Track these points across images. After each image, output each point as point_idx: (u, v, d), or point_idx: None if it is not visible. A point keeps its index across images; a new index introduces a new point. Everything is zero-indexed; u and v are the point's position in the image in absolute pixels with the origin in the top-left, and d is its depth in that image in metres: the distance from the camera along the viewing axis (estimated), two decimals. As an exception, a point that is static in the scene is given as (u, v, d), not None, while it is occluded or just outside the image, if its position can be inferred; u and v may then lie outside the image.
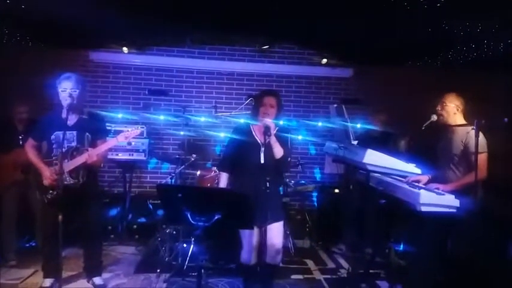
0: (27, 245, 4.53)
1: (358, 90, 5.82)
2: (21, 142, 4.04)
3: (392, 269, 4.27)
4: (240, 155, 3.17)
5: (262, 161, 3.01)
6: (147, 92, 5.63)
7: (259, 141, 3.12)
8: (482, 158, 3.20)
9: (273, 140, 2.99)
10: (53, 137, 3.32)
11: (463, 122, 3.39)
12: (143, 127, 3.57)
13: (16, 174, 4.09)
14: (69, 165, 3.31)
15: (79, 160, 3.31)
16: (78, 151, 3.36)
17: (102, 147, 3.37)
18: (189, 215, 2.50)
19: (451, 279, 3.47)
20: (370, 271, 4.04)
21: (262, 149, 3.05)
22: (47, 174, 3.28)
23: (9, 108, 4.24)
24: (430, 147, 3.74)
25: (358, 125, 4.88)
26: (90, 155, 3.28)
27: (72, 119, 3.39)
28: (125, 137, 3.40)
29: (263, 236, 2.96)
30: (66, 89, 3.28)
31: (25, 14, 3.94)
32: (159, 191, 2.62)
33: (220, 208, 2.47)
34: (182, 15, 4.62)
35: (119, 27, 4.72)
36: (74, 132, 3.38)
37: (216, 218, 2.47)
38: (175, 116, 5.30)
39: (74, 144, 3.37)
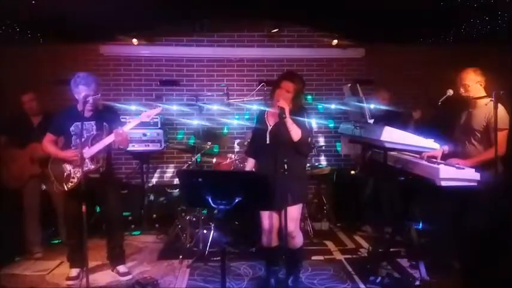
0: (52, 241, 4.62)
1: (371, 70, 5.76)
2: (37, 136, 4.10)
3: (412, 246, 4.26)
4: (257, 140, 3.26)
5: (267, 141, 3.08)
6: (158, 83, 5.67)
7: (268, 124, 3.17)
8: (503, 134, 3.15)
9: (290, 122, 2.97)
10: (72, 128, 3.41)
11: (484, 95, 3.32)
12: (160, 106, 3.61)
13: (34, 168, 4.16)
14: (91, 151, 3.39)
15: (102, 143, 3.39)
16: (96, 139, 3.45)
17: (128, 126, 3.46)
18: (209, 199, 2.53)
19: (469, 254, 3.45)
20: (391, 249, 4.04)
21: (269, 130, 3.11)
22: (71, 155, 3.37)
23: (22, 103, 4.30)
24: (448, 122, 3.69)
25: (372, 106, 4.83)
26: (117, 133, 3.34)
27: (89, 112, 3.48)
28: (147, 115, 3.50)
29: (280, 218, 3.00)
30: (87, 95, 3.31)
31: (35, 10, 3.97)
32: (180, 176, 2.64)
33: (240, 190, 2.48)
34: (189, 3, 4.62)
35: (128, 19, 4.75)
36: (93, 122, 3.48)
37: (236, 200, 2.50)
38: (188, 105, 5.33)
39: (93, 133, 3.47)
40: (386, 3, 4.17)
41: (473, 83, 3.31)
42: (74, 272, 3.63)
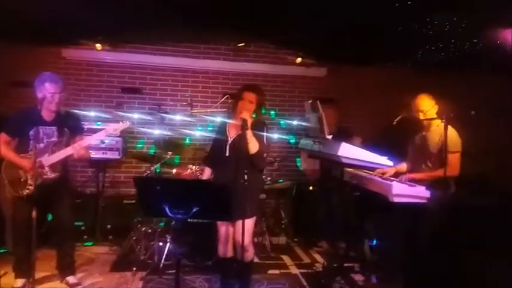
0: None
1: (332, 88, 5.94)
2: None
3: (366, 262, 4.37)
4: (216, 150, 3.28)
5: (226, 154, 3.11)
6: (120, 90, 5.57)
7: (228, 136, 3.20)
8: (455, 156, 3.32)
9: (249, 135, 3.01)
10: (31, 132, 3.26)
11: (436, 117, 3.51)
12: (132, 121, 3.54)
13: None
14: (50, 159, 3.29)
15: (63, 154, 3.30)
16: (57, 146, 3.36)
17: (90, 139, 3.38)
18: (167, 208, 2.50)
19: (421, 270, 3.59)
20: (345, 265, 4.13)
21: (229, 143, 3.14)
22: (29, 166, 3.20)
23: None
24: (401, 141, 3.88)
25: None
26: (75, 148, 3.28)
27: (51, 116, 3.39)
28: (113, 129, 3.41)
29: (235, 229, 3.05)
30: (54, 92, 3.27)
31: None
32: (137, 183, 2.60)
33: (199, 200, 2.48)
34: (156, 12, 4.60)
35: (92, 23, 4.65)
36: (54, 128, 3.38)
37: (194, 210, 2.48)
38: (149, 113, 5.26)
39: (54, 139, 3.37)
40: (348, 25, 4.36)
41: (429, 107, 3.50)
42: (19, 282, 3.45)
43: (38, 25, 4.36)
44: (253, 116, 3.14)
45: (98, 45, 5.29)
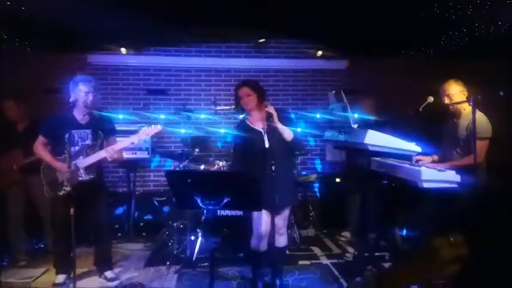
0: (36, 246, 4.57)
1: (354, 81, 5.91)
2: (21, 143, 4.09)
3: (397, 251, 4.34)
4: (247, 149, 3.22)
5: (266, 146, 3.11)
6: (146, 92, 5.72)
7: (258, 129, 3.21)
8: (482, 143, 3.27)
9: (280, 126, 3.08)
10: (67, 135, 3.31)
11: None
12: (162, 125, 3.61)
13: (14, 175, 4.14)
14: (85, 161, 3.42)
15: (97, 156, 3.42)
16: (92, 148, 3.48)
17: (124, 144, 3.48)
18: (198, 200, 2.58)
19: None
20: (376, 254, 4.12)
21: (265, 135, 3.15)
22: (64, 169, 3.33)
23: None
24: (429, 128, 3.84)
25: (356, 115, 4.95)
26: (109, 152, 3.39)
27: (85, 119, 3.52)
28: (145, 133, 3.47)
29: (272, 220, 3.04)
30: (88, 92, 3.41)
31: (24, 19, 4.01)
32: (168, 177, 2.69)
33: (229, 191, 2.54)
34: (177, 14, 4.71)
35: (116, 28, 4.79)
36: (88, 131, 3.50)
37: (225, 201, 2.55)
38: (175, 113, 5.38)
39: (88, 142, 3.49)
40: (368, 16, 4.34)
41: (456, 92, 3.47)
42: (60, 278, 3.59)
43: (65, 34, 4.55)
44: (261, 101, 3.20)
45: (123, 50, 5.45)
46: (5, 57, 5.01)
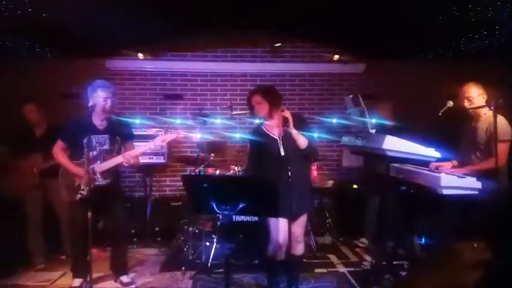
0: (54, 250, 4.62)
1: (371, 85, 5.84)
2: (40, 147, 4.14)
3: (415, 260, 4.24)
4: (262, 155, 3.20)
5: (282, 153, 3.06)
6: (163, 97, 5.76)
7: (273, 136, 3.18)
8: (504, 146, 3.20)
9: (294, 132, 3.05)
10: (85, 140, 3.33)
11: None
12: (180, 131, 3.62)
13: (33, 179, 4.20)
14: (103, 166, 3.45)
15: (114, 161, 3.45)
16: (109, 153, 3.51)
17: (141, 150, 3.52)
18: (214, 205, 2.56)
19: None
20: (394, 262, 4.03)
21: (281, 141, 3.11)
22: (81, 173, 3.36)
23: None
24: (448, 133, 3.75)
25: (374, 120, 4.88)
26: (126, 157, 3.42)
27: (103, 124, 3.54)
28: (161, 140, 3.50)
29: (289, 228, 3.02)
30: (106, 97, 3.44)
31: (44, 26, 4.08)
32: (185, 181, 2.68)
33: (245, 196, 2.52)
34: (193, 19, 4.74)
35: (134, 34, 4.86)
36: (106, 136, 3.52)
37: (240, 206, 2.53)
38: (191, 118, 5.40)
39: (106, 147, 3.52)
40: (386, 18, 4.28)
41: (476, 95, 3.39)
42: (77, 282, 3.62)
43: (83, 40, 4.61)
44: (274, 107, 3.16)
45: (140, 55, 5.50)
46: (26, 63, 5.12)
